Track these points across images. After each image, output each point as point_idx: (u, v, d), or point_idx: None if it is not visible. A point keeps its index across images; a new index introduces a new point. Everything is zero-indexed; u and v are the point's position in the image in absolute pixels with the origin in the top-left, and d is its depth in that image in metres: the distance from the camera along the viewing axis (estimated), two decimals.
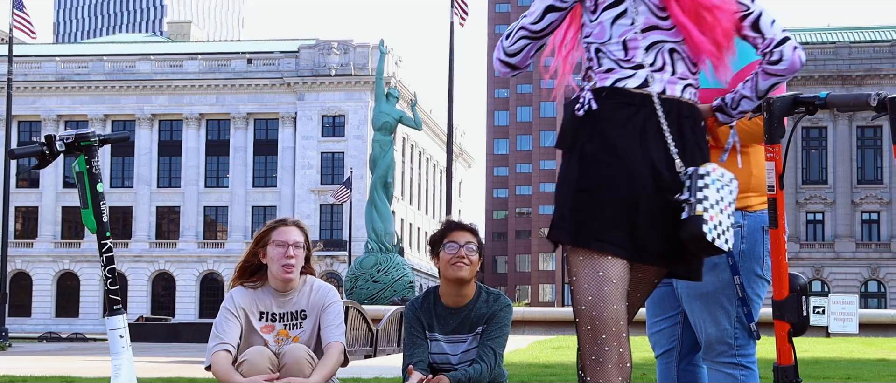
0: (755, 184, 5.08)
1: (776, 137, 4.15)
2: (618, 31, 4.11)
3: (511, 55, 4.26)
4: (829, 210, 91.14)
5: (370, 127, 61.65)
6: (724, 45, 4.15)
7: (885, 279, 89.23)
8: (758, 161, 5.09)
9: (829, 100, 4.05)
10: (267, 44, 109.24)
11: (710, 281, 5.07)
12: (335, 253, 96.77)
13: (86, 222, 5.06)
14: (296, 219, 6.48)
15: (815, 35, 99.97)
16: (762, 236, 5.07)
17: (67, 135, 5.02)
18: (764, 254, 5.09)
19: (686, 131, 4.11)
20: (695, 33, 4.09)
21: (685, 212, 3.97)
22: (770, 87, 4.21)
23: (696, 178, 4.00)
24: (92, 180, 5.02)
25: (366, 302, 36.93)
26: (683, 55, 4.16)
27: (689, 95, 4.17)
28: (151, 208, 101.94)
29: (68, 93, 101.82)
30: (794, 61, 4.14)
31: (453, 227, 6.46)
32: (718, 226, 4.02)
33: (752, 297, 5.08)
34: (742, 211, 5.01)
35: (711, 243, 3.99)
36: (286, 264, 6.26)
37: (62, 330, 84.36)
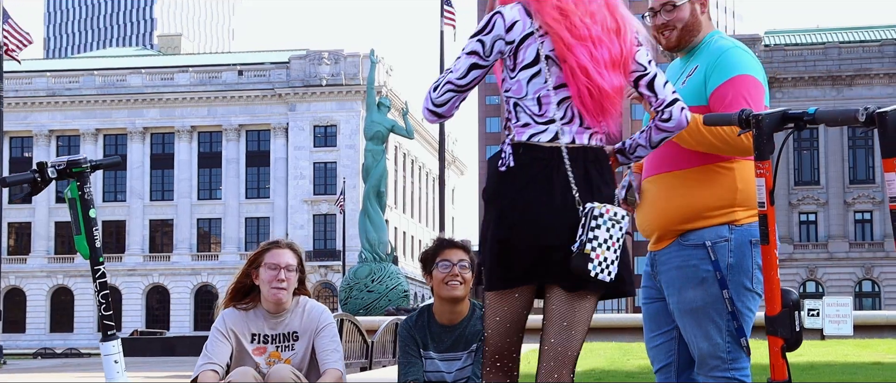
0: (741, 199, 5.11)
1: (765, 154, 4.17)
2: (533, 88, 4.65)
3: (438, 106, 4.72)
4: (822, 210, 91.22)
5: (362, 136, 61.61)
6: (615, 102, 4.66)
7: (880, 278, 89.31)
8: (743, 176, 5.12)
9: (818, 116, 4.07)
10: (257, 55, 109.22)
11: (699, 296, 5.08)
12: (329, 262, 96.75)
13: (79, 248, 5.06)
14: (289, 241, 6.46)
15: (805, 36, 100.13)
16: (750, 250, 5.09)
17: (59, 162, 5.02)
18: (753, 268, 5.09)
19: (592, 175, 4.64)
20: (585, 91, 4.60)
21: (575, 246, 4.52)
22: (661, 140, 4.79)
23: (589, 218, 4.53)
24: (84, 206, 5.03)
25: (361, 313, 36.90)
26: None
27: (595, 142, 4.70)
28: (144, 221, 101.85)
29: (59, 108, 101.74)
30: (682, 120, 4.69)
31: (445, 245, 6.45)
32: (603, 261, 4.54)
33: (742, 311, 5.09)
34: (729, 225, 5.07)
35: (595, 277, 4.53)
36: (278, 287, 6.25)
37: (57, 346, 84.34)
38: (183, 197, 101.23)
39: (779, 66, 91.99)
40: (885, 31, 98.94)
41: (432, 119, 4.80)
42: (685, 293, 5.14)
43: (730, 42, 5.23)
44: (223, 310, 6.42)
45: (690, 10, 5.34)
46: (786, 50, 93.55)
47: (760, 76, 5.14)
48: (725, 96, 5.03)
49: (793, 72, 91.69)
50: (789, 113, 4.15)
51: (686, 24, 5.33)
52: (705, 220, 5.11)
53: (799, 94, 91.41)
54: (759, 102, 5.04)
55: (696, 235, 5.13)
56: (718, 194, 5.10)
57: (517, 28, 4.65)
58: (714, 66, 5.11)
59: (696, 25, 5.35)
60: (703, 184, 5.12)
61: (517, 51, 4.65)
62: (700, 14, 5.37)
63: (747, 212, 5.09)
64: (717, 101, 5.05)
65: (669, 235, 5.21)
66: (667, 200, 5.19)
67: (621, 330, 27.90)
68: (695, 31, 5.34)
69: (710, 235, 5.10)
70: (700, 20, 5.36)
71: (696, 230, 5.13)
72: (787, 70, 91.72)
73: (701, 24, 5.36)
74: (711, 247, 5.09)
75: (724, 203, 5.08)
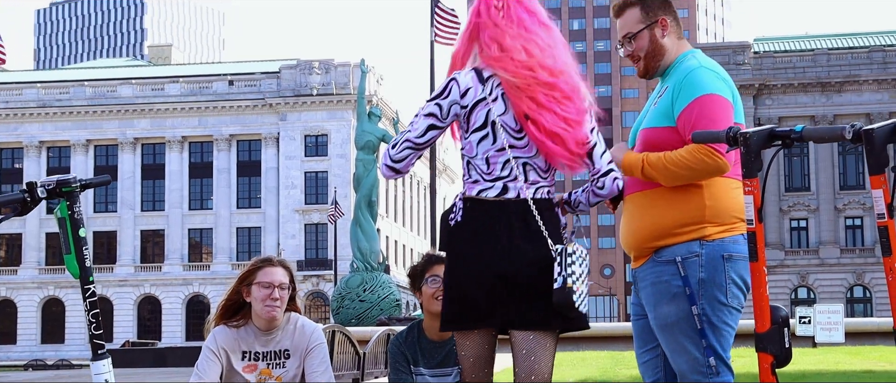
0: (710, 215, 5.15)
1: (754, 171, 4.18)
2: (482, 149, 5.11)
3: (396, 162, 5.18)
4: (813, 216, 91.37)
5: (353, 145, 61.65)
6: (577, 151, 5.13)
7: (871, 284, 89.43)
8: (711, 193, 5.16)
9: (805, 133, 4.08)
10: (248, 65, 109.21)
11: (672, 311, 5.12)
12: (321, 272, 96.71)
13: (68, 268, 5.05)
14: (281, 259, 6.46)
15: (794, 42, 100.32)
16: (723, 264, 5.12)
17: (49, 181, 5.01)
18: (727, 283, 5.11)
19: (532, 225, 5.05)
20: (549, 146, 5.04)
21: (557, 283, 4.95)
22: (597, 203, 5.31)
23: (564, 256, 4.97)
24: (74, 225, 5.02)
25: (352, 322, 36.82)
26: (534, 166, 5.14)
27: (541, 195, 5.14)
28: (136, 232, 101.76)
29: (50, 119, 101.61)
30: (613, 189, 5.22)
31: (434, 261, 6.48)
32: (581, 295, 4.99)
33: (719, 326, 5.12)
34: (699, 240, 5.13)
35: (578, 308, 4.97)
36: (271, 305, 6.25)
37: (48, 357, 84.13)
38: (174, 207, 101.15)
39: (768, 73, 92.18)
40: (874, 37, 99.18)
41: (389, 174, 5.24)
42: (660, 309, 5.20)
43: (696, 62, 5.26)
44: (214, 328, 6.40)
45: (649, 36, 5.36)
46: (775, 57, 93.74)
47: (726, 93, 5.16)
48: (690, 117, 5.07)
49: (782, 78, 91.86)
50: (777, 130, 4.16)
51: (648, 52, 5.37)
52: (676, 237, 5.16)
53: (788, 101, 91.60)
54: (724, 119, 5.07)
55: (669, 251, 5.18)
56: (687, 211, 5.15)
57: (470, 94, 5.10)
58: (679, 89, 5.16)
59: (659, 50, 5.37)
60: (673, 202, 5.17)
61: (469, 114, 5.11)
62: (661, 38, 5.37)
63: (718, 228, 5.14)
64: (684, 123, 5.10)
65: (645, 253, 5.27)
66: (639, 219, 5.25)
67: (613, 339, 27.89)
68: (660, 56, 5.38)
69: (680, 251, 5.15)
70: (663, 44, 5.37)
71: (668, 247, 5.18)
72: (776, 77, 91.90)
73: (666, 48, 5.37)
74: (681, 263, 5.14)
75: (693, 219, 5.13)
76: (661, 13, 5.37)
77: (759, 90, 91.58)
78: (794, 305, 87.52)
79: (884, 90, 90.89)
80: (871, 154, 3.92)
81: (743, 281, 5.15)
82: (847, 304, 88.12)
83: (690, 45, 5.44)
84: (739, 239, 5.13)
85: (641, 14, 5.36)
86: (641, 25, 5.36)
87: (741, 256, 5.12)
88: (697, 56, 5.33)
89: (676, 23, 5.41)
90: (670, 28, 5.37)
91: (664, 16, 5.37)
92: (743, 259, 5.11)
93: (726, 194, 5.16)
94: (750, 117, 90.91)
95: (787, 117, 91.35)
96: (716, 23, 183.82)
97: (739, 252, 5.12)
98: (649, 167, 5.10)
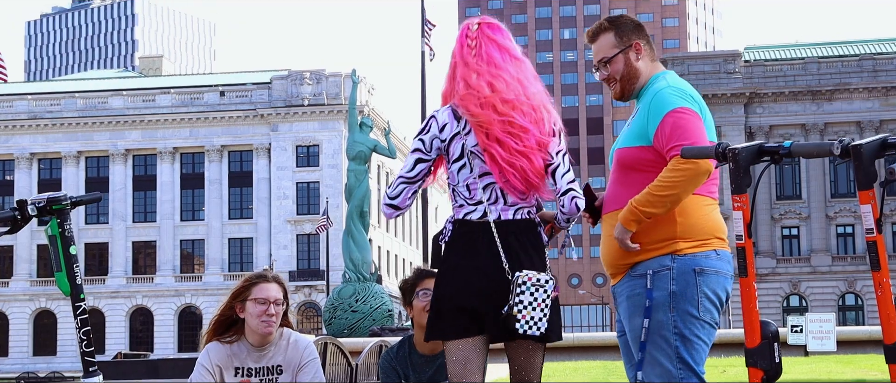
0: (681, 231, 5.27)
1: (743, 187, 4.20)
2: (462, 177, 5.65)
3: (393, 198, 5.70)
4: (804, 224, 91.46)
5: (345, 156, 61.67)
6: (534, 181, 5.58)
7: (862, 292, 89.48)
8: (682, 209, 5.26)
9: (794, 149, 4.10)
10: (239, 76, 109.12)
11: (650, 320, 5.18)
12: (313, 282, 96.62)
13: (60, 285, 5.06)
14: (274, 274, 6.46)
15: (784, 51, 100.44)
16: (695, 278, 5.22)
17: (39, 199, 5.02)
18: (699, 296, 5.17)
19: (514, 244, 5.56)
20: (507, 176, 5.54)
21: (505, 310, 5.45)
22: (567, 221, 5.68)
23: (515, 286, 5.45)
24: (65, 243, 5.02)
25: (345, 333, 36.80)
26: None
27: (520, 216, 5.66)
28: (127, 243, 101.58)
29: (41, 131, 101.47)
30: (572, 208, 5.58)
31: (425, 275, 6.53)
32: (530, 320, 5.45)
33: (691, 339, 5.19)
34: (671, 255, 5.25)
35: (523, 334, 5.47)
36: (267, 321, 6.25)
37: (40, 369, 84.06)
38: (166, 218, 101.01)
39: (759, 82, 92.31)
40: (864, 45, 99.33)
41: (390, 213, 5.75)
42: (633, 321, 5.33)
43: (665, 83, 5.42)
44: (208, 345, 6.40)
45: (624, 60, 5.56)
46: (765, 65, 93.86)
47: (692, 105, 5.30)
48: (664, 133, 5.23)
49: (773, 87, 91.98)
50: (765, 146, 4.19)
51: (624, 75, 5.56)
52: (649, 252, 5.29)
53: (779, 109, 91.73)
54: (696, 130, 5.22)
55: (642, 266, 5.31)
56: (658, 227, 5.26)
57: (447, 129, 5.65)
58: (649, 109, 5.33)
59: (633, 73, 5.56)
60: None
61: (448, 147, 5.66)
62: (636, 61, 5.56)
63: (690, 243, 5.26)
64: (660, 142, 5.25)
65: (621, 269, 5.41)
66: (614, 237, 5.36)
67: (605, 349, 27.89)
68: (634, 79, 5.56)
69: (653, 265, 5.28)
70: (637, 67, 5.56)
71: (641, 261, 5.30)
72: (766, 85, 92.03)
73: (639, 71, 5.56)
74: (651, 276, 5.25)
75: (664, 235, 5.25)
76: (634, 37, 5.57)
77: (749, 99, 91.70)
78: (786, 313, 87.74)
79: (874, 98, 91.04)
80: (860, 169, 3.94)
81: (716, 295, 5.27)
82: (839, 312, 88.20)
83: (684, 52, 5.56)
84: (712, 254, 5.26)
85: (616, 39, 5.57)
86: (616, 50, 5.56)
87: (714, 271, 5.25)
88: (667, 77, 5.48)
89: (650, 46, 5.61)
90: (644, 51, 5.57)
91: (637, 40, 5.56)
92: (716, 274, 5.24)
93: (698, 211, 5.29)
94: (740, 126, 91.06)
95: (777, 125, 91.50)
96: (706, 32, 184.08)
97: (712, 267, 5.25)
98: (642, 207, 5.21)
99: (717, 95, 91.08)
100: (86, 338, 5.09)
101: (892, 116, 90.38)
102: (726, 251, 5.35)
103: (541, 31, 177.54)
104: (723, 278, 5.28)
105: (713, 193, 5.37)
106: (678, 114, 5.22)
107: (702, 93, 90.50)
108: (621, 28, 5.58)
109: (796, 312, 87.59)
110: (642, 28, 5.62)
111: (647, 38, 5.59)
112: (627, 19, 5.64)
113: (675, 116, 5.22)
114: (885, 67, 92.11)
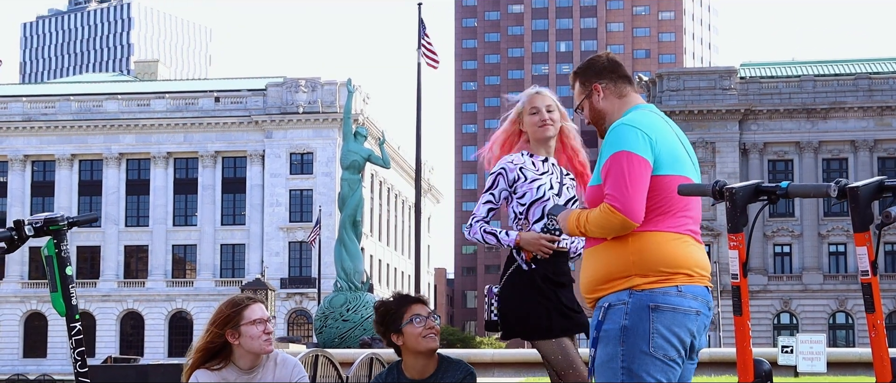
0: (636, 268, 5.28)
1: (739, 226, 4.21)
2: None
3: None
4: (797, 242, 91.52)
5: (338, 164, 61.60)
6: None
7: (853, 311, 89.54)
8: (636, 247, 5.29)
9: (791, 190, 4.12)
10: (234, 82, 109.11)
11: (599, 353, 5.26)
12: (304, 290, 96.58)
13: (55, 306, 5.06)
14: (252, 295, 6.46)
15: (780, 68, 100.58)
16: (649, 314, 5.20)
17: (36, 220, 5.02)
18: (651, 332, 5.16)
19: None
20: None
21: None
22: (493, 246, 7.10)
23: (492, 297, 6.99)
24: (61, 264, 5.03)
25: (335, 341, 36.73)
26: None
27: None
28: (119, 247, 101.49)
29: (35, 133, 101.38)
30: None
31: (411, 301, 6.59)
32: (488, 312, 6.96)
33: (640, 373, 5.17)
34: (629, 290, 5.27)
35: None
36: (268, 340, 6.23)
37: (30, 372, 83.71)
38: (158, 223, 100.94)
39: (754, 99, 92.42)
40: (860, 64, 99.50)
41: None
42: (594, 351, 5.41)
43: (619, 121, 5.48)
44: (195, 372, 6.34)
45: (589, 104, 5.71)
46: (761, 82, 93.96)
47: (639, 149, 5.31)
48: (605, 176, 5.33)
49: (768, 104, 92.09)
50: (762, 186, 4.20)
51: (592, 118, 5.74)
52: (609, 287, 5.35)
53: (774, 127, 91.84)
54: (632, 174, 5.26)
55: (604, 300, 5.37)
56: (616, 264, 5.33)
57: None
58: (603, 148, 5.44)
59: (599, 115, 5.70)
60: (603, 256, 5.38)
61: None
62: (598, 103, 5.68)
63: (647, 279, 5.26)
64: (604, 180, 5.35)
65: (591, 302, 5.51)
66: (583, 273, 5.53)
67: None
68: (601, 119, 5.70)
69: (611, 299, 5.33)
70: (601, 108, 5.69)
71: (605, 295, 5.38)
72: (762, 102, 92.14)
73: (604, 111, 5.69)
74: (606, 309, 5.31)
75: (620, 272, 5.31)
76: (594, 80, 5.68)
77: (744, 115, 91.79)
78: (777, 331, 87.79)
79: (869, 117, 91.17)
80: (856, 211, 3.95)
81: (672, 333, 5.22)
82: (830, 330, 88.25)
83: (680, 68, 5.64)
84: (672, 291, 5.24)
85: (580, 86, 5.74)
86: (581, 96, 5.72)
87: (670, 307, 5.22)
88: (630, 114, 5.53)
89: (614, 82, 5.68)
90: (606, 91, 5.66)
91: (597, 82, 5.66)
92: (672, 311, 5.21)
93: (657, 248, 5.29)
94: (735, 142, 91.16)
95: (772, 143, 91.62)
96: (703, 47, 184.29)
97: (670, 303, 5.23)
98: (581, 227, 5.42)
99: (712, 111, 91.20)
100: (79, 358, 5.09)
101: (886, 136, 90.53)
102: (695, 286, 5.29)
103: (537, 43, 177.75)
104: (681, 315, 5.22)
105: (680, 228, 5.34)
106: (617, 158, 5.28)
107: (697, 109, 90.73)
108: (584, 74, 5.73)
109: (787, 330, 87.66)
110: (608, 68, 5.69)
111: (611, 76, 5.67)
112: (593, 63, 5.75)
113: (614, 159, 5.29)
114: (881, 87, 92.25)
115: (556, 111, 6.94)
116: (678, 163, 5.37)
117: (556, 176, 6.88)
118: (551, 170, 6.87)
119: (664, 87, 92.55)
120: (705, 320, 5.33)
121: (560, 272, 6.77)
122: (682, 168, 5.37)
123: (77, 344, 5.07)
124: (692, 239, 5.37)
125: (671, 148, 5.38)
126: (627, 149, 5.27)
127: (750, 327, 4.26)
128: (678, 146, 5.42)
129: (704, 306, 5.29)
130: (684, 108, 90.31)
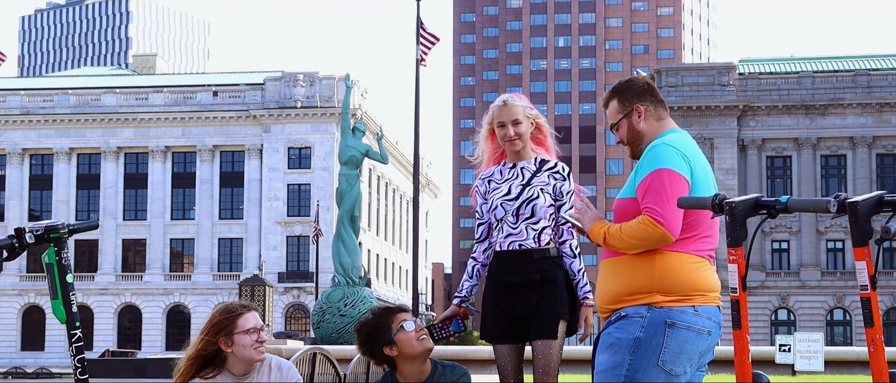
0: (658, 286, 5.41)
1: (738, 240, 4.22)
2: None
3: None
4: (794, 239, 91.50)
5: (336, 159, 61.52)
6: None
7: (851, 307, 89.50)
8: (661, 266, 5.43)
9: (790, 204, 4.13)
10: (232, 76, 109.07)
11: (603, 360, 5.36)
12: (302, 284, 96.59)
13: (56, 313, 5.06)
14: (246, 303, 6.46)
15: (779, 65, 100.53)
16: (664, 329, 5.33)
17: (37, 227, 5.03)
18: (663, 347, 5.25)
19: None
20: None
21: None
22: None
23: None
24: (61, 271, 5.03)
25: (333, 337, 36.73)
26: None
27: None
28: (117, 241, 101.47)
29: (33, 126, 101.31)
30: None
31: (397, 311, 6.70)
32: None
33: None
34: (647, 305, 5.40)
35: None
36: (260, 348, 6.24)
37: (28, 364, 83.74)
38: (156, 217, 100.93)
39: (752, 95, 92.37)
40: (859, 61, 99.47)
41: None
42: (599, 356, 5.49)
43: (660, 139, 5.62)
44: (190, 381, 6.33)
45: (628, 124, 5.80)
46: (760, 78, 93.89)
47: (680, 168, 5.46)
48: (644, 189, 5.44)
49: (766, 100, 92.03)
50: (762, 200, 4.21)
51: (629, 138, 5.83)
52: (628, 302, 5.47)
53: (772, 123, 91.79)
54: (673, 191, 5.38)
55: (620, 312, 5.49)
56: (641, 280, 5.45)
57: None
58: (641, 164, 5.54)
59: (637, 136, 5.80)
60: (628, 272, 5.50)
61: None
62: (638, 124, 5.79)
63: (667, 297, 5.40)
64: (640, 194, 5.46)
65: (607, 312, 5.61)
66: (602, 284, 5.63)
67: None
68: (639, 140, 5.80)
69: (628, 310, 5.45)
70: (640, 129, 5.79)
71: (622, 308, 5.48)
72: (760, 99, 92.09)
73: (643, 132, 5.79)
74: (622, 319, 5.44)
75: (643, 288, 5.43)
76: (635, 101, 5.79)
77: (743, 111, 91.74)
78: (774, 327, 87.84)
79: (868, 114, 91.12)
80: (856, 226, 3.95)
81: (682, 350, 5.37)
82: (827, 327, 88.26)
83: (679, 64, 5.67)
84: (689, 310, 5.39)
85: (619, 105, 5.81)
86: (620, 115, 5.80)
87: (686, 325, 5.36)
88: (669, 135, 5.67)
89: (654, 105, 5.81)
90: (646, 113, 5.78)
91: (639, 103, 5.77)
92: (688, 329, 5.35)
93: (681, 268, 5.44)
94: (733, 139, 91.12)
95: (770, 139, 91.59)
96: (701, 43, 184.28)
97: (686, 322, 5.37)
98: (610, 237, 5.49)
99: (710, 107, 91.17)
100: (80, 365, 5.09)
101: (885, 132, 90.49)
102: (710, 307, 5.48)
103: (535, 38, 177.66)
104: (694, 334, 5.38)
105: (702, 252, 5.51)
106: (659, 174, 5.41)
107: (695, 105, 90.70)
108: (624, 94, 5.81)
109: (784, 326, 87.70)
110: (647, 90, 5.83)
111: (652, 99, 5.81)
112: (632, 83, 5.86)
113: (657, 175, 5.41)
114: (880, 83, 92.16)
115: (524, 122, 6.95)
116: (710, 188, 5.54)
117: (522, 178, 6.93)
118: (517, 175, 6.95)
119: (662, 83, 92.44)
120: (715, 339, 5.50)
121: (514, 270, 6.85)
122: (712, 192, 5.47)
123: (78, 351, 5.08)
124: (709, 262, 5.56)
125: (705, 172, 5.56)
126: (670, 166, 5.43)
127: (748, 341, 4.27)
128: (710, 171, 5.61)
129: (716, 327, 5.47)
130: (683, 104, 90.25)
